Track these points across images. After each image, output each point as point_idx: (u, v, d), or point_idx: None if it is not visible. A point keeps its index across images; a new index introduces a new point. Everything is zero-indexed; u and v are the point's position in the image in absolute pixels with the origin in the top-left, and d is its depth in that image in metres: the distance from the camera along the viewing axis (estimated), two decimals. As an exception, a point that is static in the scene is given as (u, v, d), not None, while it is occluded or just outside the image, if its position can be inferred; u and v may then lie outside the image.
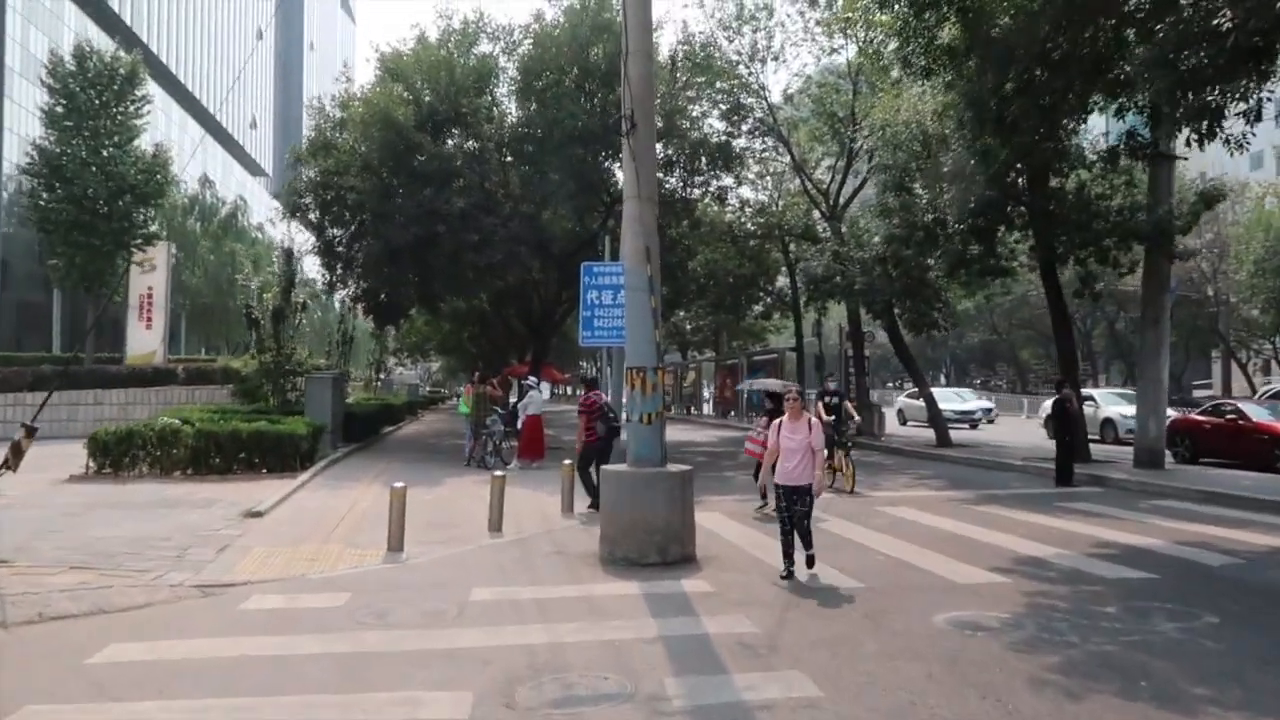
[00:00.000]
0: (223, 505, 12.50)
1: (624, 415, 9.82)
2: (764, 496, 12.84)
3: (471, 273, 23.01)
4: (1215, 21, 7.37)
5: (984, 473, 18.32)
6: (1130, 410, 25.19)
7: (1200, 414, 19.73)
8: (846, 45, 26.50)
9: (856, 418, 16.49)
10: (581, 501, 12.46)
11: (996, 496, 14.34)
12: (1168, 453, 18.24)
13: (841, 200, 28.56)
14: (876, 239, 20.55)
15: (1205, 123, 8.73)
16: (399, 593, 7.72)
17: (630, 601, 7.44)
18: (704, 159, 25.84)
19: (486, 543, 10.15)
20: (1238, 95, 8.41)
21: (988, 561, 8.94)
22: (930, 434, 24.37)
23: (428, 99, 23.51)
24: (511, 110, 26.37)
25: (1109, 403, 26.50)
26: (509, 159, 25.65)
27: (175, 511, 11.99)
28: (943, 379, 77.67)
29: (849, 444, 15.32)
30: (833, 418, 14.93)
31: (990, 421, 35.64)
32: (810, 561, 8.30)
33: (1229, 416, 18.53)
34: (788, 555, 8.19)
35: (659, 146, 24.41)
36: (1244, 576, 8.34)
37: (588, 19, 23.69)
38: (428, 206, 21.25)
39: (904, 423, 34.27)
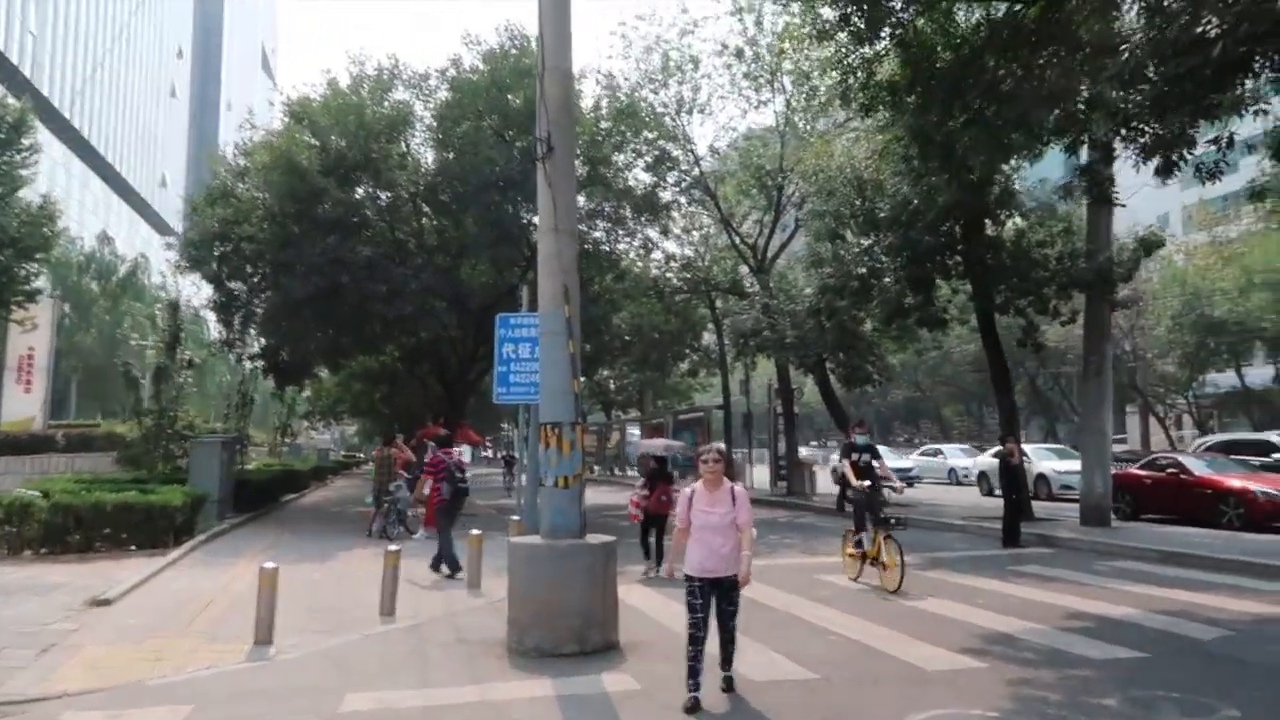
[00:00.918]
0: (68, 591, 10.68)
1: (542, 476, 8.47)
2: (649, 557, 12.19)
3: (379, 326, 21.48)
4: (1199, 29, 6.63)
5: (925, 534, 17.36)
6: (1063, 465, 24.87)
7: (1140, 468, 19.22)
8: (774, 98, 26.14)
9: (898, 483, 12.22)
10: (490, 580, 11.02)
11: (944, 560, 13.33)
12: (1109, 509, 17.65)
13: (770, 254, 27.95)
14: (808, 290, 19.78)
15: (1174, 153, 8.02)
16: (255, 704, 6.22)
17: (541, 707, 6.07)
18: (629, 210, 24.94)
19: (375, 631, 8.63)
20: (1223, 109, 7.65)
21: (955, 640, 7.81)
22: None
23: (335, 144, 22.15)
24: (427, 159, 25.16)
25: (1041, 458, 26.08)
26: (424, 208, 24.36)
27: (10, 600, 10.15)
28: (868, 437, 77.64)
29: (894, 520, 10.61)
30: (867, 483, 10.99)
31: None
32: (728, 683, 6.23)
33: (1169, 471, 18.01)
34: (694, 674, 5.91)
35: (582, 198, 23.44)
36: (1243, 654, 7.35)
37: (508, 65, 22.73)
38: (331, 255, 19.76)
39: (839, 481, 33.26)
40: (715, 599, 6.06)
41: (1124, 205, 16.24)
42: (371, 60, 25.09)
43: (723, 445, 12.75)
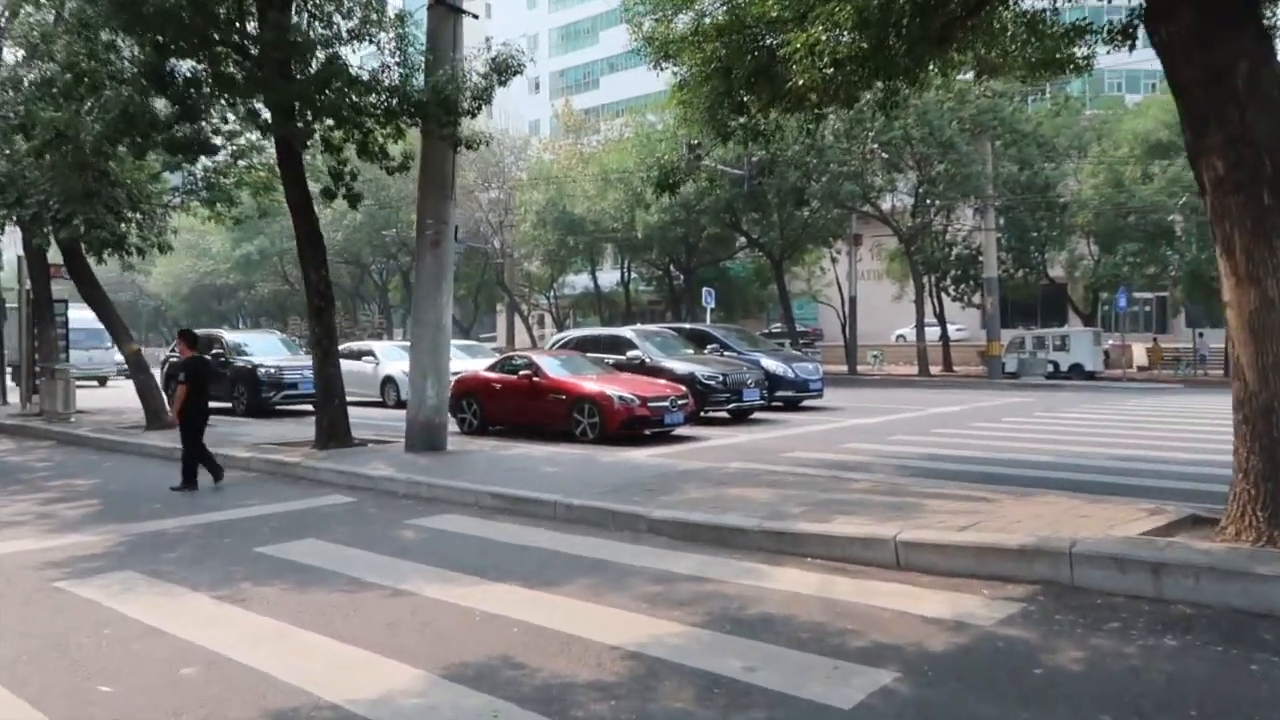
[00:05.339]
0: None
1: None
2: None
3: None
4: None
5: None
6: (415, 367, 20.88)
7: (490, 370, 15.75)
8: None
9: None
10: None
11: (165, 538, 7.76)
12: (453, 420, 13.80)
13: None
14: (10, 94, 12.26)
15: None
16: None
17: None
18: None
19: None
20: None
21: None
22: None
23: None
24: None
25: (391, 358, 21.86)
26: None
27: None
28: (240, 332, 68.63)
29: None
30: None
31: None
32: None
33: (523, 373, 14.66)
34: None
35: None
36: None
37: None
38: None
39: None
40: None
41: (475, 16, 11.90)
42: None
43: None
